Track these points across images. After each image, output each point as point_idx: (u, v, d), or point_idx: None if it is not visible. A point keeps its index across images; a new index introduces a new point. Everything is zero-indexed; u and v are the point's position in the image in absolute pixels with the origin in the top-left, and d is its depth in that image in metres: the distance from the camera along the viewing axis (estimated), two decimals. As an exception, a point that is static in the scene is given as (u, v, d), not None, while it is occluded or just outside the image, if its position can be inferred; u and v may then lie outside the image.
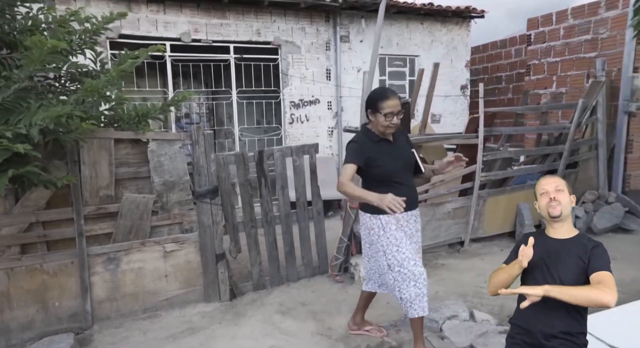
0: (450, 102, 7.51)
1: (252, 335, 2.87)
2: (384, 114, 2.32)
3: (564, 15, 6.11)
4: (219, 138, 8.39)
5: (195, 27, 5.93)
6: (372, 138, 2.42)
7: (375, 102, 2.36)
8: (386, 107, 2.32)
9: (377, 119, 2.37)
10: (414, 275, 2.36)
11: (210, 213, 3.37)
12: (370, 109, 2.40)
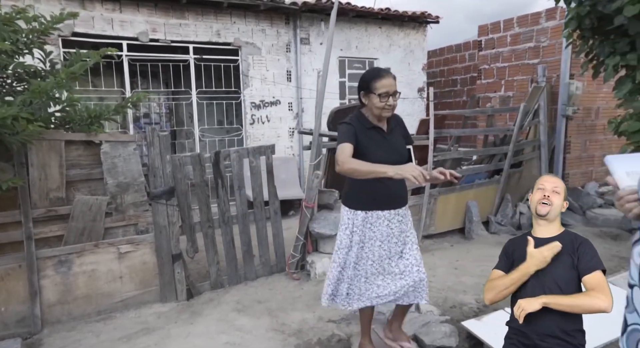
0: (408, 104, 7.78)
1: (207, 333, 2.93)
2: (378, 94, 2.08)
3: (511, 23, 6.49)
4: (180, 138, 8.30)
5: (153, 26, 5.87)
6: (364, 124, 2.16)
7: (369, 83, 2.13)
8: (380, 87, 2.08)
9: (371, 101, 2.12)
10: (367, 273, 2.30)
11: (166, 214, 3.40)
12: (363, 91, 2.16)
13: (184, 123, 7.82)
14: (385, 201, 2.24)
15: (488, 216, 5.20)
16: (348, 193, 2.32)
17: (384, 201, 2.24)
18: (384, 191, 2.20)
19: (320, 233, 3.84)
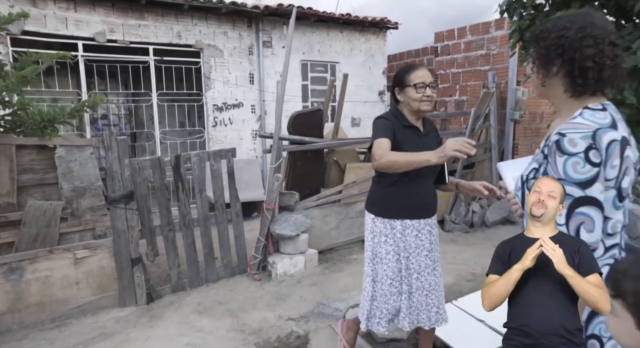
0: (370, 106, 8.00)
1: (167, 336, 2.95)
2: (414, 84, 1.95)
3: (464, 31, 6.83)
4: (140, 140, 8.14)
5: (110, 27, 5.75)
6: (402, 121, 2.01)
7: (402, 77, 2.01)
8: (415, 77, 1.97)
9: (407, 95, 1.98)
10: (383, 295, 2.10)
11: (125, 218, 3.38)
12: (398, 88, 2.03)
13: (145, 125, 7.68)
14: (415, 209, 2.05)
15: (443, 215, 5.45)
16: (374, 199, 2.13)
17: (415, 209, 2.05)
18: (414, 198, 2.04)
19: (281, 234, 3.92)
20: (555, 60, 1.28)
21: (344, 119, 7.64)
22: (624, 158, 1.20)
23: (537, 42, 1.35)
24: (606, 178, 1.19)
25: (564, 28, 1.27)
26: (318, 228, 4.39)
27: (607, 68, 1.24)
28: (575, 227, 1.23)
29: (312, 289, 3.68)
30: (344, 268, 4.18)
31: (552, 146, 1.25)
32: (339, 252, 4.62)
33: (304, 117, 4.23)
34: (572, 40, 1.24)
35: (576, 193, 1.20)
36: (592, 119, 1.22)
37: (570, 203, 1.22)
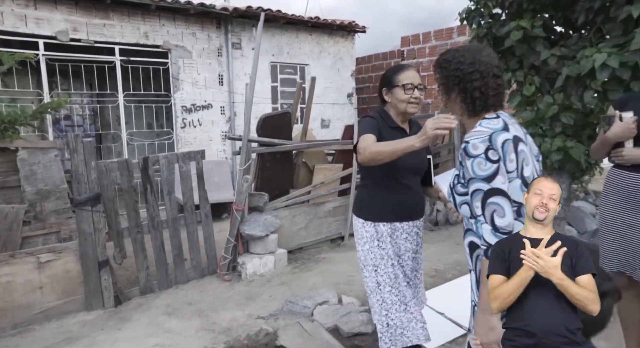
0: (339, 108, 8.15)
1: (135, 337, 2.96)
2: (402, 85, 1.95)
3: (428, 36, 7.08)
4: (106, 141, 7.97)
5: (74, 26, 5.63)
6: (388, 122, 2.02)
7: (391, 78, 2.00)
8: (404, 78, 1.97)
9: (395, 96, 1.98)
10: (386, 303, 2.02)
11: (91, 221, 3.35)
12: (386, 88, 2.02)
13: (111, 126, 7.52)
14: (405, 211, 2.04)
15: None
16: (361, 203, 2.10)
17: (404, 211, 2.04)
18: (403, 201, 2.03)
19: (251, 234, 3.98)
20: (454, 88, 1.52)
21: (313, 121, 7.76)
22: (518, 152, 1.42)
23: (440, 71, 1.58)
24: (508, 171, 1.40)
25: (460, 62, 1.51)
26: (287, 228, 4.47)
27: (491, 97, 1.50)
28: (489, 215, 1.39)
29: (281, 288, 3.76)
30: (313, 267, 4.28)
31: (462, 152, 1.45)
32: (308, 251, 4.72)
33: (272, 120, 4.30)
34: (465, 74, 1.49)
35: (484, 187, 1.40)
36: (488, 125, 1.44)
37: (482, 195, 1.40)
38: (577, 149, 3.31)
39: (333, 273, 4.07)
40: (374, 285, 2.03)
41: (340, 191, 4.93)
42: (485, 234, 1.39)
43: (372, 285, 2.03)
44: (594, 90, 3.10)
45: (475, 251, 1.54)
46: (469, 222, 1.53)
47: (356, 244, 2.12)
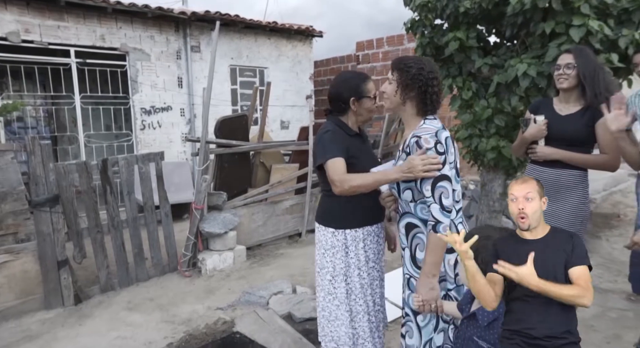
0: (298, 110, 8.40)
1: (97, 332, 3.08)
2: (372, 96, 2.00)
3: (381, 42, 7.47)
4: (62, 144, 7.83)
5: (25, 27, 5.57)
6: (347, 131, 2.01)
7: (358, 87, 1.99)
8: (372, 88, 2.02)
9: (364, 106, 1.99)
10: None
11: (50, 221, 3.42)
12: (354, 97, 1.99)
13: (67, 128, 7.41)
14: (373, 214, 2.04)
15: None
16: (332, 211, 2.05)
17: (372, 214, 2.04)
18: (370, 203, 2.01)
19: (210, 232, 4.16)
20: (414, 89, 1.77)
21: (273, 122, 7.98)
22: (455, 147, 1.76)
23: (401, 73, 1.80)
24: (449, 162, 1.70)
25: (421, 68, 1.77)
26: (246, 226, 4.67)
27: (437, 101, 1.81)
28: (438, 196, 1.68)
29: (240, 282, 3.96)
30: (271, 262, 4.50)
31: (413, 145, 1.72)
32: (267, 248, 4.94)
33: (229, 122, 4.49)
34: (427, 79, 1.76)
35: (436, 173, 1.69)
36: (431, 124, 1.76)
37: (432, 180, 1.69)
38: (509, 149, 3.69)
39: (290, 267, 4.31)
40: (343, 295, 2.02)
41: (297, 190, 5.18)
42: (434, 212, 1.67)
43: (342, 295, 2.02)
44: (518, 95, 3.50)
45: (412, 231, 1.82)
46: (408, 206, 1.81)
47: (324, 254, 2.05)
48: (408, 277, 1.90)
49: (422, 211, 1.77)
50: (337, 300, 2.03)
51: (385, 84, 1.84)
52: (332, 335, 2.07)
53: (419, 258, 1.82)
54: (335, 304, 2.04)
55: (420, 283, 1.74)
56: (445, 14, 4.26)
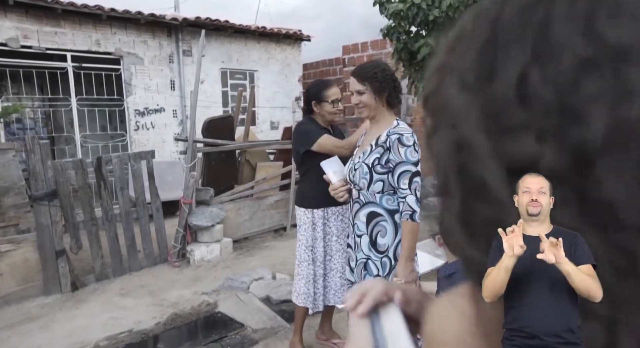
0: (287, 111, 8.70)
1: (92, 314, 3.39)
2: (331, 101, 2.41)
3: (366, 46, 7.80)
4: (59, 144, 8.12)
5: (24, 33, 5.87)
6: (318, 126, 2.47)
7: (319, 93, 2.43)
8: (332, 94, 2.42)
9: (324, 109, 2.43)
10: None
11: (48, 214, 3.72)
12: (315, 101, 2.45)
13: (64, 129, 7.70)
14: None
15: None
16: (303, 194, 2.56)
17: None
18: None
19: (198, 224, 4.47)
20: (386, 89, 2.05)
21: (263, 123, 8.29)
22: None
23: (372, 81, 2.07)
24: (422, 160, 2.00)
25: (384, 70, 2.05)
26: (233, 220, 4.98)
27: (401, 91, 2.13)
28: (414, 189, 1.95)
29: (225, 271, 4.27)
30: (255, 254, 4.81)
31: (395, 141, 1.95)
32: (253, 241, 5.25)
33: (216, 123, 4.81)
34: (390, 77, 2.05)
35: (412, 169, 1.95)
36: (405, 126, 2.03)
37: (410, 175, 1.95)
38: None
39: (273, 258, 4.63)
40: (309, 259, 2.55)
41: (282, 186, 5.49)
42: (411, 202, 1.93)
43: (307, 260, 2.55)
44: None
45: (374, 219, 2.04)
46: (374, 197, 2.02)
47: (298, 228, 2.62)
48: (365, 260, 2.16)
49: (388, 202, 2.01)
50: (305, 263, 2.56)
51: (357, 97, 2.04)
52: (299, 290, 2.60)
53: (379, 243, 2.04)
54: (304, 266, 2.57)
55: (401, 267, 1.98)
56: (417, 21, 4.59)
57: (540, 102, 0.26)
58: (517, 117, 0.27)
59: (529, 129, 0.27)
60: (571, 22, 0.26)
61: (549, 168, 0.26)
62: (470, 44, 0.29)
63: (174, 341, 2.97)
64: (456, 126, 0.29)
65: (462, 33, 0.31)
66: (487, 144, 0.28)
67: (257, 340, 2.90)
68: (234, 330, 3.01)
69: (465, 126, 0.28)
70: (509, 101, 0.27)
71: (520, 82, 0.26)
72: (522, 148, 0.27)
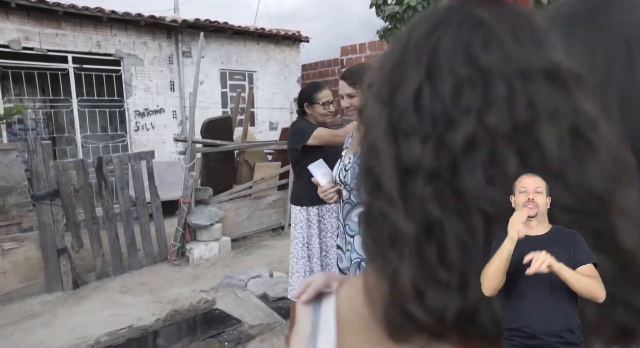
0: (286, 112, 8.79)
1: (93, 310, 3.47)
2: (322, 103, 2.49)
3: (364, 47, 7.88)
4: (60, 144, 8.20)
5: (26, 35, 5.95)
6: (312, 125, 2.53)
7: (311, 95, 2.52)
8: (323, 96, 2.50)
9: (315, 110, 2.52)
10: None
11: (50, 213, 3.80)
12: (307, 103, 2.54)
13: (65, 130, 7.79)
14: None
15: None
16: (298, 193, 2.61)
17: None
18: None
19: (197, 224, 4.54)
20: None
21: (262, 123, 8.37)
22: None
23: (362, 83, 2.17)
24: None
25: None
26: (232, 219, 5.06)
27: None
28: None
29: (224, 269, 4.35)
30: (254, 252, 4.89)
31: None
32: (251, 240, 5.33)
33: (215, 123, 4.89)
34: None
35: None
36: None
37: None
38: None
39: (270, 256, 4.71)
40: (305, 256, 2.57)
41: (280, 186, 5.57)
42: None
43: (303, 256, 2.57)
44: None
45: None
46: None
47: (293, 226, 2.68)
48: (359, 261, 2.20)
49: None
50: (302, 260, 2.59)
51: (348, 100, 2.04)
52: (295, 286, 2.62)
53: None
54: (300, 263, 2.59)
55: None
56: (412, 24, 4.66)
57: (429, 112, 0.34)
58: (411, 124, 0.34)
59: (417, 134, 0.34)
60: (453, 49, 0.34)
61: (428, 167, 0.33)
62: (387, 63, 0.37)
63: (173, 336, 3.05)
64: (370, 132, 0.37)
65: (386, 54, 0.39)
66: (388, 148, 0.35)
67: (253, 336, 2.98)
68: (232, 326, 3.09)
69: (375, 132, 0.36)
70: (407, 111, 0.34)
71: (416, 95, 0.34)
72: (411, 150, 0.34)
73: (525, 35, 0.35)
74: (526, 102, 0.33)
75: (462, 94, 0.33)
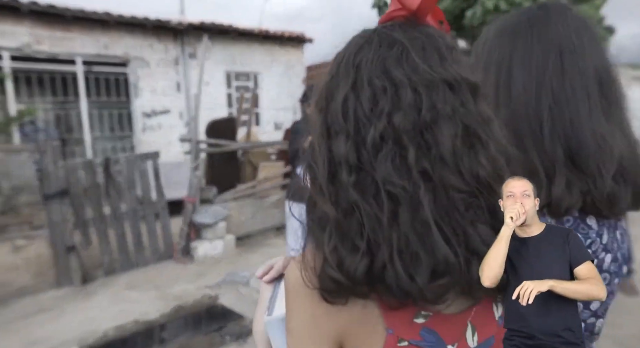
0: (291, 112, 8.89)
1: (101, 306, 3.59)
2: None
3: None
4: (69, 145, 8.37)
5: (36, 38, 6.11)
6: None
7: (310, 96, 2.60)
8: None
9: None
10: None
11: (60, 212, 3.94)
12: (307, 103, 2.67)
13: (74, 130, 7.95)
14: None
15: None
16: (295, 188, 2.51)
17: None
18: None
19: (202, 222, 4.66)
20: None
21: (267, 124, 8.47)
22: None
23: None
24: None
25: None
26: (236, 218, 5.16)
27: None
28: None
29: (228, 266, 4.45)
30: (258, 250, 4.99)
31: None
32: (255, 238, 5.43)
33: (219, 124, 4.99)
34: None
35: None
36: None
37: None
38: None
39: (274, 254, 4.79)
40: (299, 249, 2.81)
41: (283, 185, 5.66)
42: None
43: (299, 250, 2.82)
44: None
45: None
46: None
47: (290, 223, 2.77)
48: None
49: None
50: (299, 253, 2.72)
51: None
52: None
53: None
54: None
55: None
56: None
57: (352, 116, 0.43)
58: (339, 126, 0.44)
59: (343, 133, 0.43)
60: (372, 64, 0.44)
61: (351, 160, 0.43)
62: (326, 77, 0.47)
63: (177, 330, 3.16)
64: (312, 134, 0.46)
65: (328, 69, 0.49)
66: (323, 146, 0.44)
67: (255, 330, 3.07)
68: (234, 320, 3.19)
69: (315, 134, 0.46)
70: (337, 115, 0.44)
71: (344, 103, 0.44)
72: (338, 148, 0.43)
73: (431, 52, 0.44)
74: (429, 106, 0.42)
75: (378, 100, 0.43)
